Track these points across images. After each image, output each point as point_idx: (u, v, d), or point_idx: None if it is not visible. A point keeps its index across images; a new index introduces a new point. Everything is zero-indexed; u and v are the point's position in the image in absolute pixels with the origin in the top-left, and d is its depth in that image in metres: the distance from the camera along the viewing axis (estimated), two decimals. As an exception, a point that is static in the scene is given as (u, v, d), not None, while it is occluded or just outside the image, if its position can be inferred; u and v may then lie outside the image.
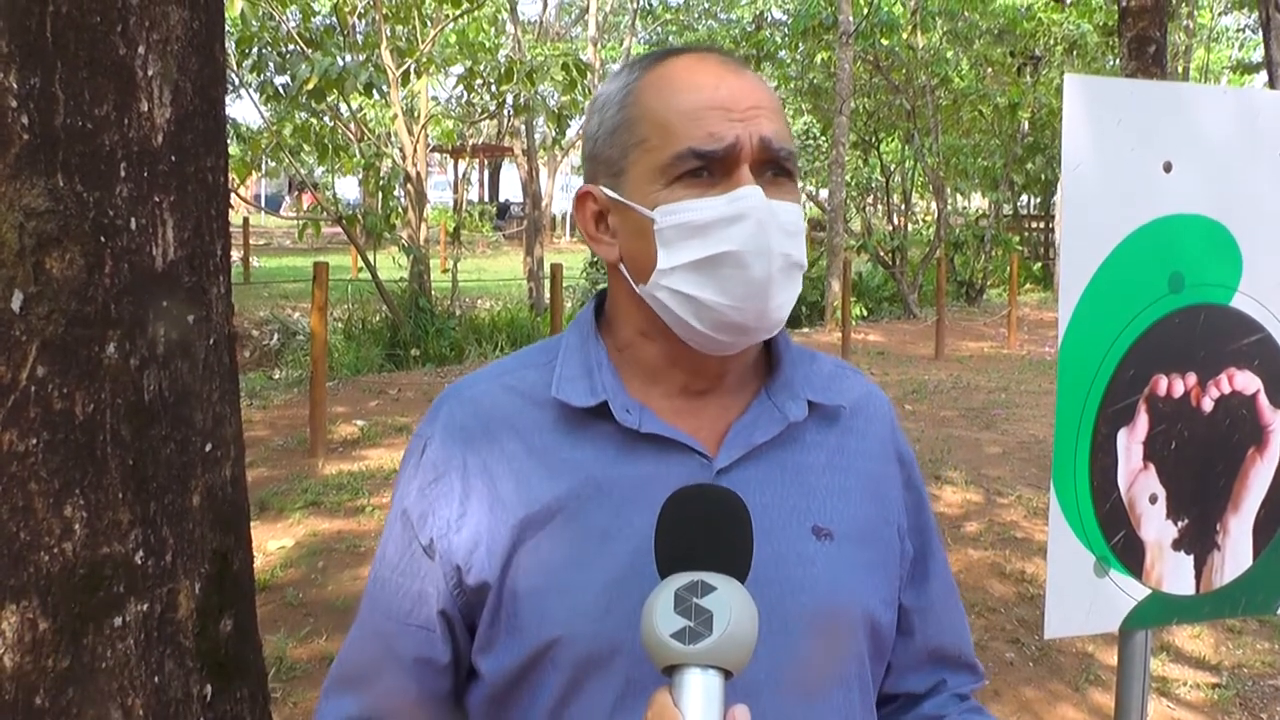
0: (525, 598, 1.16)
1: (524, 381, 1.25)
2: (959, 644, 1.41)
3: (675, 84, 1.18)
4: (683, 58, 1.21)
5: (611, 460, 1.19)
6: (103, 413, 1.76)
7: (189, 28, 1.86)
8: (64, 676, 1.74)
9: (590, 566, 1.15)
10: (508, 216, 36.71)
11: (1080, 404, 1.99)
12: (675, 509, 1.06)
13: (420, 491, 1.23)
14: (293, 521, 6.34)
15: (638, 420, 1.19)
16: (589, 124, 1.26)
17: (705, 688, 0.97)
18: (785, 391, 1.26)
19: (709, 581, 0.99)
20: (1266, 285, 2.06)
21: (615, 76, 1.25)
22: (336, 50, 13.35)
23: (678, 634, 0.97)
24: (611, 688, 1.14)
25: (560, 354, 1.26)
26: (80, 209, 1.72)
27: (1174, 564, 2.08)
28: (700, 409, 1.24)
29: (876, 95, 22.16)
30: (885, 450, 1.34)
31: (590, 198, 1.24)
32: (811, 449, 1.26)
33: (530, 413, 1.22)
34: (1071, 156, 1.95)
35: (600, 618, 1.14)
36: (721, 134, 1.14)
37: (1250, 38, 32.26)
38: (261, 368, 13.51)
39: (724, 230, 1.14)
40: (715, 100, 1.15)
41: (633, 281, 1.20)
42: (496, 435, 1.22)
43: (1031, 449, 8.89)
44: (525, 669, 1.16)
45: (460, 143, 20.02)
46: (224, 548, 1.98)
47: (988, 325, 18.17)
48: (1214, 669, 4.95)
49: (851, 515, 1.25)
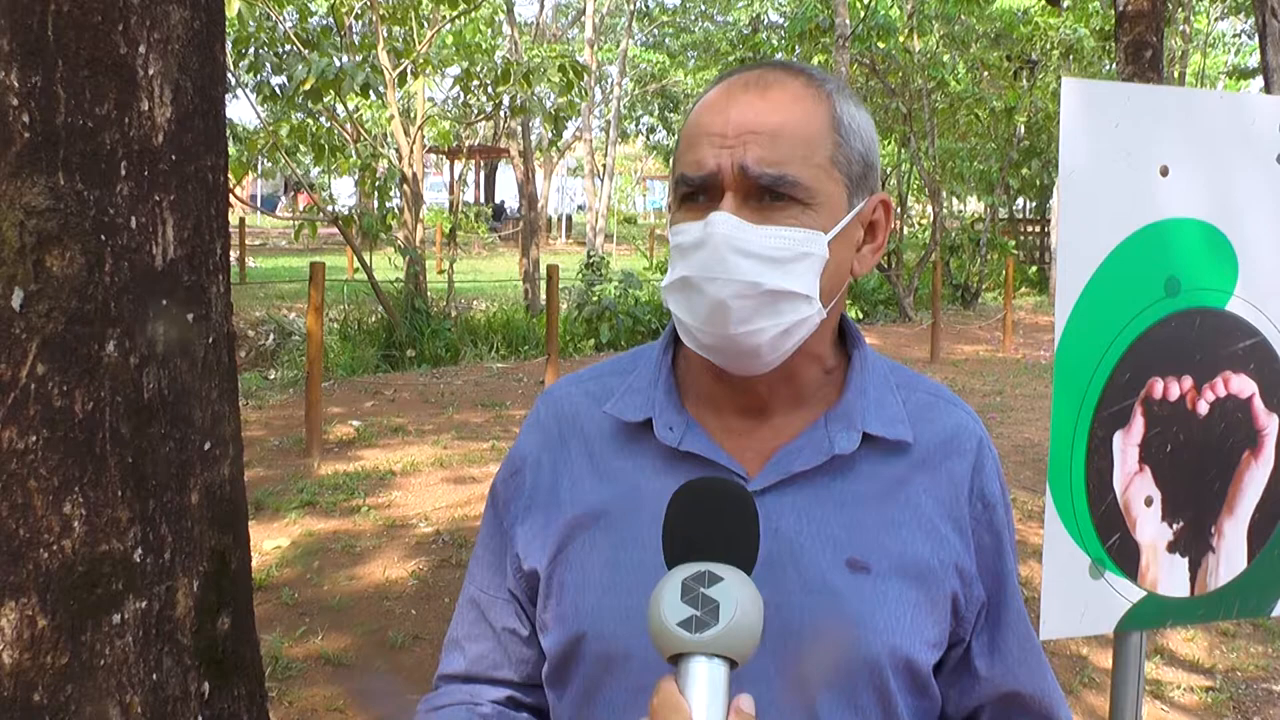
0: (565, 591, 1.23)
1: (603, 389, 1.31)
2: (1039, 694, 1.33)
3: (699, 106, 1.21)
4: (736, 75, 1.22)
5: (653, 472, 1.23)
6: (102, 410, 1.77)
7: (190, 27, 1.87)
8: (62, 673, 1.74)
9: (622, 571, 1.20)
10: (504, 218, 36.73)
11: (1076, 407, 1.99)
12: (683, 500, 1.07)
13: (504, 480, 1.33)
14: (288, 521, 6.34)
15: (679, 438, 1.22)
16: None
17: (710, 676, 0.98)
18: (842, 421, 1.23)
19: (716, 572, 1.00)
20: (1262, 290, 2.07)
21: None
22: (333, 51, 13.34)
23: (684, 622, 0.98)
24: (625, 690, 1.17)
25: (640, 363, 1.31)
26: (81, 207, 1.72)
27: (1169, 566, 2.08)
28: (752, 430, 1.24)
29: (873, 99, 22.16)
30: (959, 489, 1.27)
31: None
32: (864, 480, 1.23)
33: (598, 419, 1.29)
34: (1069, 160, 1.96)
35: (617, 622, 1.18)
36: (704, 161, 1.16)
37: (1246, 43, 32.32)
38: (257, 368, 13.48)
39: (691, 254, 1.16)
40: (712, 126, 1.17)
41: None
42: (565, 437, 1.30)
43: (1026, 452, 8.90)
44: (564, 657, 1.23)
45: (456, 144, 19.99)
46: (222, 546, 1.99)
47: (983, 329, 18.18)
48: (1208, 672, 4.96)
49: (898, 551, 1.21)
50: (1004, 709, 1.33)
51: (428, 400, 10.16)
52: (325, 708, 4.23)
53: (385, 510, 6.52)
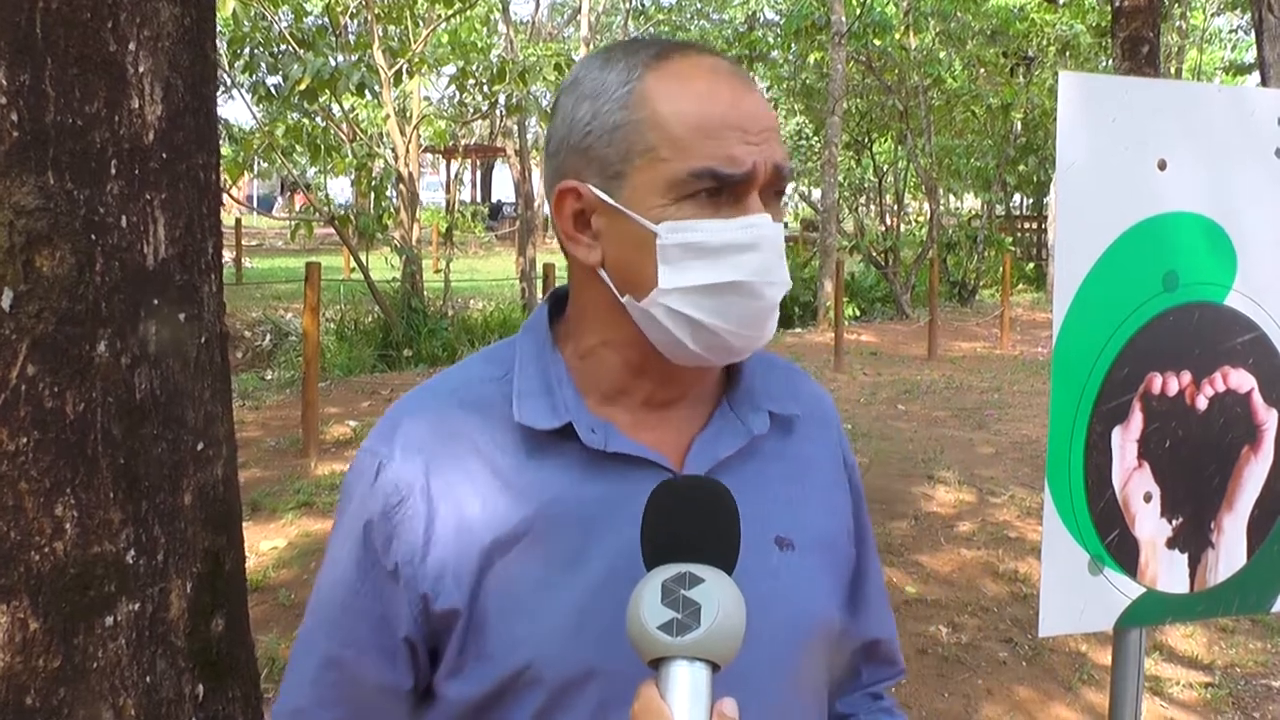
0: (494, 623, 1.12)
1: (481, 398, 1.19)
2: (887, 638, 1.41)
3: (689, 93, 1.12)
4: (689, 59, 1.14)
5: (577, 480, 1.15)
6: (94, 411, 1.75)
7: (180, 24, 1.86)
8: (55, 676, 1.73)
9: (560, 589, 1.12)
10: (500, 217, 36.68)
11: (1075, 402, 1.98)
12: (663, 500, 1.04)
13: (384, 514, 1.15)
14: (285, 522, 6.33)
15: (603, 440, 1.15)
16: (574, 110, 1.16)
17: (693, 680, 0.95)
18: (747, 403, 1.23)
19: (697, 573, 0.98)
20: (1261, 284, 2.06)
21: (607, 64, 1.16)
22: (329, 50, 13.30)
23: (665, 626, 0.95)
24: (586, 710, 1.11)
25: (516, 366, 1.20)
26: (71, 207, 1.71)
27: (1168, 563, 2.07)
28: (663, 421, 1.21)
29: (869, 96, 22.19)
30: (834, 456, 1.33)
31: (573, 195, 1.16)
32: (770, 459, 1.24)
33: (491, 431, 1.17)
34: (1066, 155, 1.94)
35: (572, 641, 1.11)
36: (741, 158, 1.10)
37: (1243, 39, 32.34)
38: (254, 368, 13.47)
39: (734, 257, 1.10)
40: (732, 119, 1.11)
41: (616, 291, 1.15)
42: (458, 455, 1.16)
43: (1024, 449, 8.90)
44: (495, 695, 1.12)
45: (453, 143, 20.00)
46: (216, 547, 1.97)
47: (980, 326, 18.18)
48: (1207, 668, 4.96)
49: (809, 524, 1.24)
50: (858, 659, 1.38)
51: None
52: (323, 709, 4.22)
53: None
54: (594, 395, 1.19)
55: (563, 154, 1.17)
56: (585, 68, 1.18)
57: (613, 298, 1.16)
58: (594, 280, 1.17)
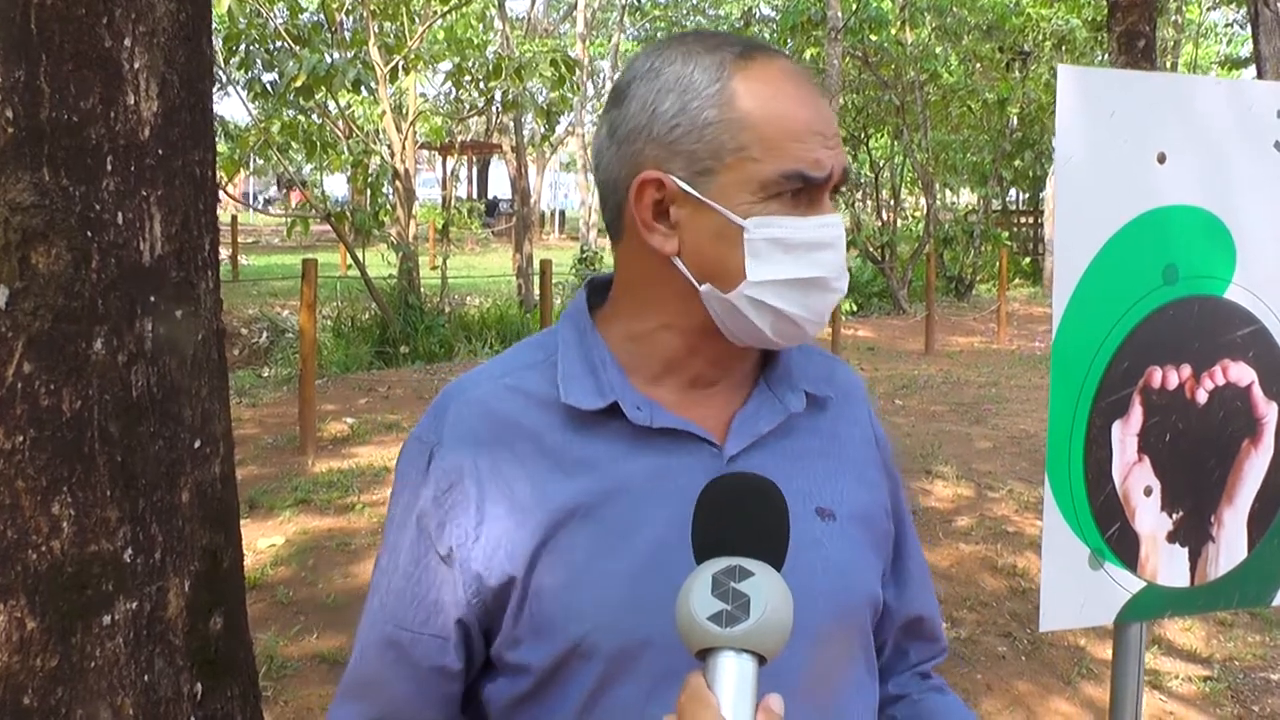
0: (550, 597, 1.16)
1: (526, 382, 1.24)
2: (931, 615, 1.46)
3: (778, 95, 1.18)
4: (772, 63, 1.20)
5: (624, 455, 1.20)
6: (90, 409, 1.75)
7: (175, 20, 1.85)
8: (53, 675, 1.73)
9: (613, 561, 1.16)
10: (497, 213, 36.64)
11: (1075, 396, 1.98)
12: (713, 495, 1.07)
13: (435, 500, 1.20)
14: (283, 519, 6.32)
15: (649, 416, 1.20)
16: (658, 101, 1.19)
17: (739, 672, 0.97)
18: (784, 382, 1.29)
19: (746, 567, 1.00)
20: (1261, 277, 2.06)
21: (689, 57, 1.20)
22: (324, 47, 13.26)
23: (714, 617, 0.97)
24: (643, 681, 1.15)
25: (559, 351, 1.25)
26: (66, 203, 1.70)
27: (1169, 556, 2.07)
28: (706, 399, 1.26)
29: (865, 91, 22.17)
30: (866, 435, 1.38)
31: (655, 185, 1.19)
32: (806, 436, 1.29)
33: (538, 414, 1.22)
34: (1065, 148, 1.94)
35: (628, 612, 1.15)
36: (824, 162, 1.17)
37: (1238, 33, 32.35)
38: (251, 366, 13.45)
39: (812, 254, 1.18)
40: (816, 125, 1.17)
41: (695, 280, 1.20)
42: (507, 439, 1.21)
43: (1022, 443, 8.91)
44: (555, 667, 1.17)
45: (449, 139, 19.93)
46: (213, 545, 1.97)
47: (977, 320, 18.18)
48: (1205, 662, 4.96)
49: (848, 497, 1.29)
50: (903, 637, 1.44)
51: (422, 397, 10.13)
52: (321, 707, 4.22)
53: (380, 508, 6.49)
54: (640, 375, 1.24)
55: (641, 143, 1.20)
56: (662, 59, 1.22)
57: (685, 286, 1.20)
58: (664, 268, 1.21)
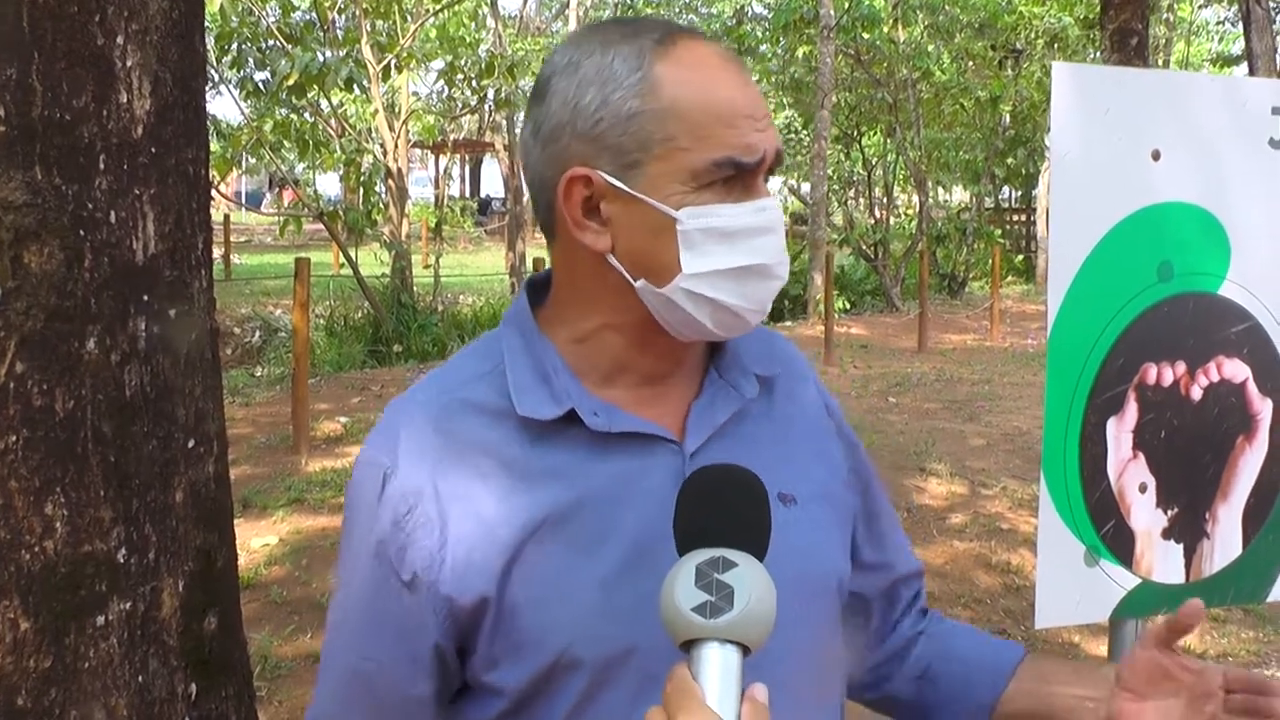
0: (526, 613, 1.12)
1: (476, 395, 1.19)
2: (910, 566, 1.46)
3: (704, 81, 1.14)
4: (694, 46, 1.16)
5: (586, 462, 1.16)
6: (83, 409, 1.74)
7: (168, 17, 1.84)
8: (46, 677, 1.72)
9: (586, 570, 1.13)
10: (489, 212, 36.62)
11: (1070, 393, 1.98)
12: (695, 487, 1.06)
13: (395, 524, 1.14)
14: (276, 519, 6.31)
15: (607, 421, 1.17)
16: (578, 95, 1.15)
17: (724, 662, 0.97)
18: (735, 368, 1.26)
19: (730, 558, 0.99)
20: (1255, 273, 2.06)
21: (608, 47, 1.16)
22: (317, 45, 13.24)
23: (698, 608, 0.97)
24: (628, 686, 1.12)
25: (506, 359, 1.20)
26: (59, 202, 1.69)
27: (1164, 553, 2.07)
28: (661, 395, 1.23)
29: (858, 89, 22.18)
30: (816, 407, 1.36)
31: (584, 182, 1.15)
32: (759, 420, 1.27)
33: (492, 427, 1.17)
34: (1060, 146, 1.94)
35: (607, 620, 1.12)
36: (756, 146, 1.13)
37: (1230, 30, 32.40)
38: (244, 365, 13.42)
39: (751, 240, 1.14)
40: (745, 107, 1.14)
41: (630, 277, 1.16)
42: (464, 456, 1.16)
43: (1015, 441, 8.91)
44: (538, 683, 1.13)
45: (441, 138, 19.95)
46: (208, 545, 1.96)
47: (970, 318, 18.20)
48: (1199, 658, 4.95)
49: (806, 478, 1.27)
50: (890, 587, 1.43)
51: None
52: (316, 706, 4.20)
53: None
54: (591, 377, 1.20)
55: (566, 140, 1.16)
56: (581, 51, 1.17)
57: (621, 283, 1.16)
58: (599, 266, 1.17)
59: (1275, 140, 2.07)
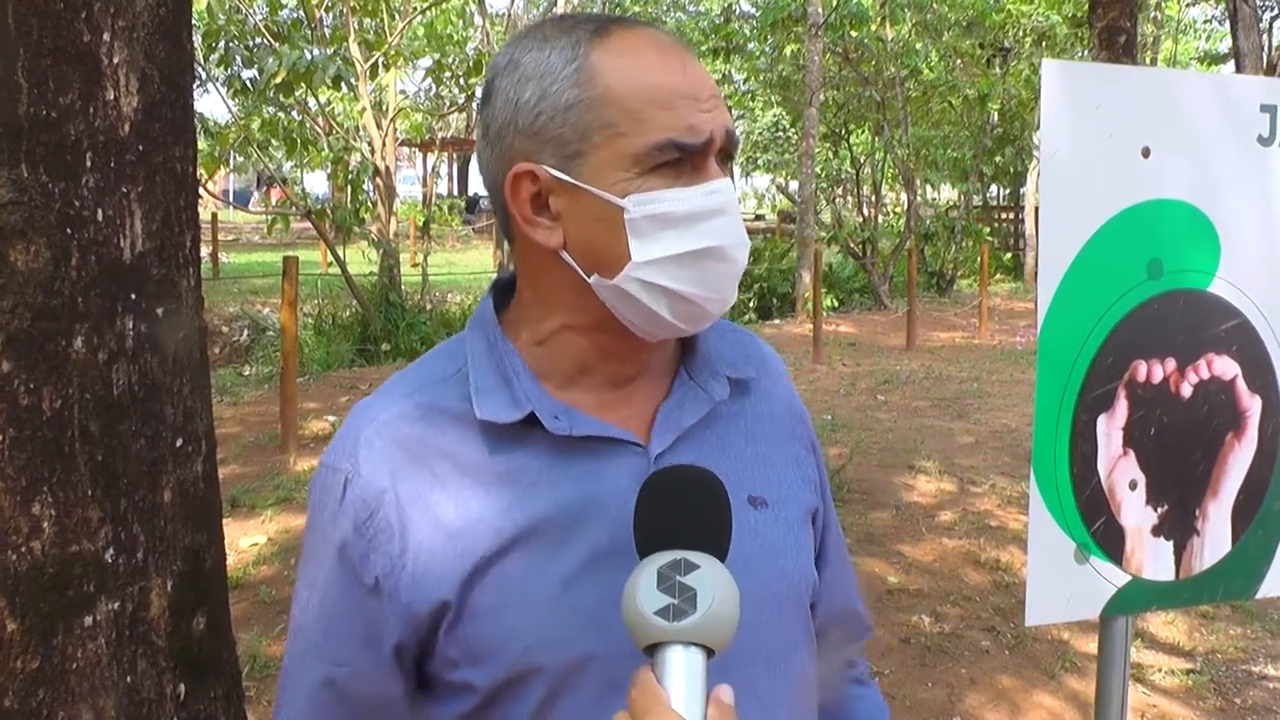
0: (486, 619, 1.11)
1: (439, 398, 1.18)
2: (848, 601, 1.43)
3: (641, 66, 1.12)
4: (631, 32, 1.15)
5: (548, 467, 1.15)
6: (71, 408, 1.73)
7: (155, 14, 1.83)
8: (33, 678, 1.71)
9: (547, 576, 1.11)
10: (477, 210, 36.56)
11: (1060, 391, 1.98)
12: (655, 489, 1.05)
13: (356, 529, 1.14)
14: (265, 518, 6.30)
15: (568, 425, 1.15)
16: (518, 92, 1.14)
17: (688, 665, 0.96)
18: (705, 370, 1.24)
19: (691, 560, 0.99)
20: (1244, 271, 2.06)
21: (545, 42, 1.15)
22: (304, 43, 13.19)
23: (661, 611, 0.96)
24: (589, 693, 1.11)
25: (469, 361, 1.19)
26: (45, 200, 1.68)
27: (1154, 550, 2.07)
28: (626, 398, 1.21)
29: (846, 87, 22.19)
30: (789, 412, 1.34)
31: (529, 178, 1.14)
32: (728, 421, 1.25)
33: (454, 431, 1.16)
34: (1050, 143, 1.94)
35: (566, 626, 1.11)
36: (699, 126, 1.10)
37: (1217, 29, 32.50)
38: (232, 364, 13.39)
39: (702, 224, 1.11)
40: (685, 89, 1.11)
41: (583, 271, 1.14)
42: (425, 460, 1.15)
43: (1004, 438, 8.93)
44: (498, 689, 1.12)
45: (429, 136, 19.89)
46: (196, 545, 1.95)
47: (959, 316, 18.23)
48: (1188, 655, 4.98)
49: (777, 481, 1.26)
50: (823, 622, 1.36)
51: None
52: (305, 705, 4.19)
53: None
54: (554, 380, 1.19)
55: (509, 138, 1.15)
56: (519, 49, 1.16)
57: (576, 280, 1.15)
58: (554, 264, 1.16)
59: (1264, 137, 2.07)
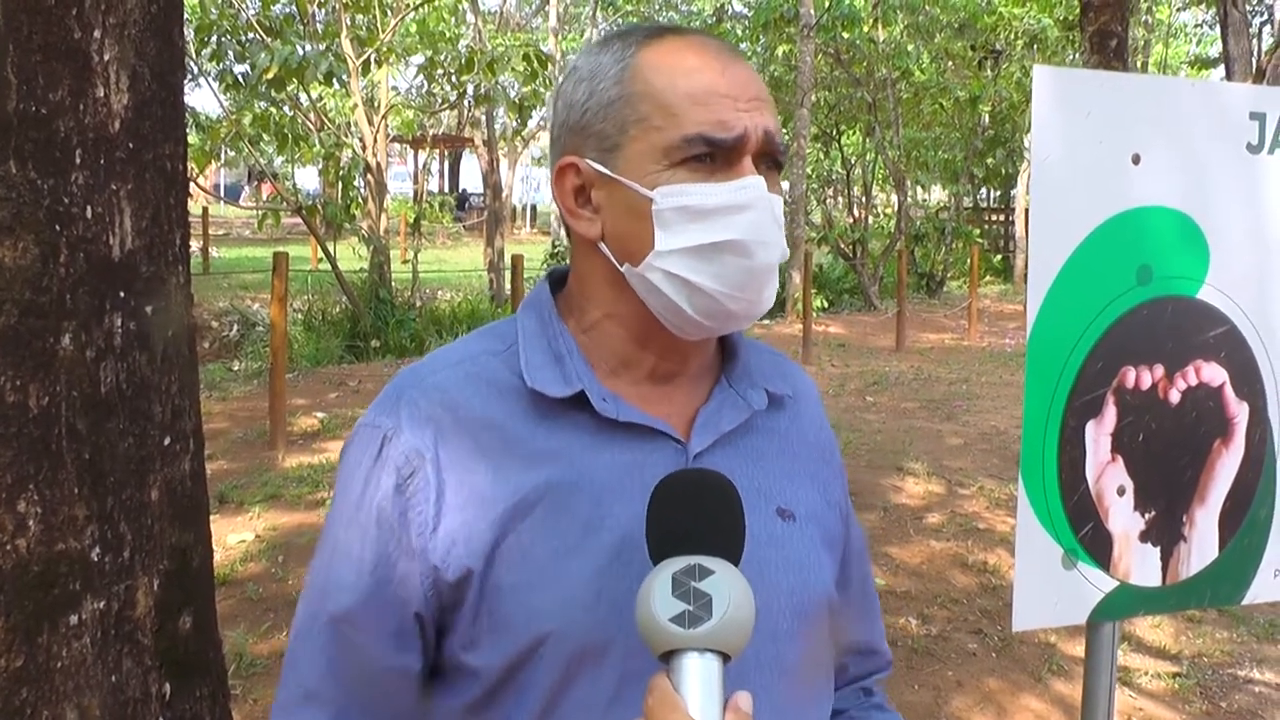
0: (511, 593, 1.11)
1: (487, 369, 1.19)
2: (869, 638, 1.44)
3: (680, 65, 1.15)
4: (682, 37, 1.19)
5: (588, 448, 1.16)
6: (58, 405, 1.72)
7: (146, 11, 1.82)
8: (18, 676, 1.70)
9: (576, 557, 1.12)
10: (468, 207, 36.54)
11: (1049, 396, 1.98)
12: (667, 493, 1.05)
13: (397, 488, 1.14)
14: (253, 515, 6.28)
15: (615, 409, 1.17)
16: (573, 93, 1.20)
17: (705, 672, 0.96)
18: (745, 380, 1.27)
19: (706, 565, 0.98)
20: (1233, 278, 2.07)
21: (603, 47, 1.20)
22: (296, 39, 13.16)
23: (676, 618, 0.96)
24: (607, 681, 1.11)
25: (520, 340, 1.21)
26: (34, 196, 1.68)
27: (1141, 556, 2.08)
28: (668, 395, 1.23)
29: (837, 88, 22.21)
30: (820, 436, 1.36)
31: (573, 170, 1.19)
32: (764, 434, 1.27)
33: (500, 402, 1.17)
34: (1041, 148, 1.94)
35: (591, 609, 1.11)
36: (731, 123, 1.13)
37: (1207, 33, 32.60)
38: (221, 359, 13.35)
39: (727, 218, 1.13)
40: (722, 87, 1.14)
41: (616, 261, 1.17)
42: (467, 427, 1.15)
43: (992, 440, 8.95)
44: (513, 667, 1.11)
45: (420, 133, 19.89)
46: (183, 543, 1.95)
47: (948, 317, 18.26)
48: (1174, 658, 4.99)
49: (804, 498, 1.28)
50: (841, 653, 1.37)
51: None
52: (291, 703, 4.18)
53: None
54: (600, 368, 1.21)
55: (563, 136, 1.21)
56: (583, 55, 1.23)
57: (614, 270, 1.18)
58: (595, 254, 1.20)
59: (1253, 144, 2.08)
